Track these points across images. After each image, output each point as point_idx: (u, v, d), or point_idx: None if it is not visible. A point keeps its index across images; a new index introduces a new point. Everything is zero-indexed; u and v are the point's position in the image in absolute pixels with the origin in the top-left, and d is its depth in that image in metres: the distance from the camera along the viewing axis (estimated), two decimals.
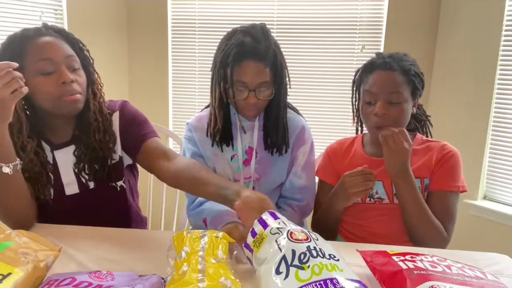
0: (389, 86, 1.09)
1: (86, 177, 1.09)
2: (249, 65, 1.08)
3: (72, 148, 1.09)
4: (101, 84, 1.16)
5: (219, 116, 1.17)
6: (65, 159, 1.09)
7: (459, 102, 2.14)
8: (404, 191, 1.09)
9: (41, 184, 1.05)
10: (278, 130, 1.18)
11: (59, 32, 1.07)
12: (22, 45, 1.00)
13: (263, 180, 1.23)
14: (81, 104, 1.05)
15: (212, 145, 1.22)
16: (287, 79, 1.18)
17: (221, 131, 1.18)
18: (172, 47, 2.53)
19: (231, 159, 1.23)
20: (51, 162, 1.08)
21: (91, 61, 1.13)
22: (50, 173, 1.07)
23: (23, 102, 1.01)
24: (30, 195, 1.03)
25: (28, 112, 1.05)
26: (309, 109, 2.41)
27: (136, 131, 1.14)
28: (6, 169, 0.93)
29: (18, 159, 0.97)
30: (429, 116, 1.29)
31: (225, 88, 1.13)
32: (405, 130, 1.07)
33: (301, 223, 1.25)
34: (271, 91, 1.13)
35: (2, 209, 1.01)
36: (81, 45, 1.11)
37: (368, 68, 1.15)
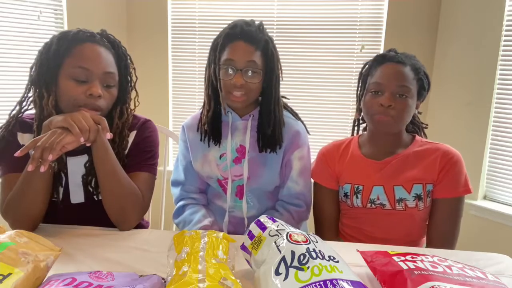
0: (399, 79, 1.09)
1: (92, 190, 1.08)
2: (239, 45, 1.09)
3: (84, 158, 1.08)
4: (135, 104, 1.16)
5: (209, 105, 1.17)
6: (75, 168, 1.07)
7: (459, 102, 2.14)
8: None
9: (54, 184, 1.03)
10: (270, 122, 1.16)
11: (112, 44, 1.07)
12: (70, 44, 1.00)
13: (253, 180, 1.20)
14: None
15: (201, 139, 1.22)
16: (279, 72, 1.16)
17: (210, 122, 1.18)
18: (172, 47, 2.53)
19: (220, 157, 1.22)
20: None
21: (132, 81, 1.13)
22: (62, 174, 1.06)
23: (54, 100, 1.01)
24: (47, 196, 1.01)
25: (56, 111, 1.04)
26: (308, 109, 2.42)
27: (136, 156, 1.12)
28: (43, 168, 0.89)
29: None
30: (424, 124, 1.28)
31: (215, 71, 1.12)
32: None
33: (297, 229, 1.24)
34: (260, 77, 1.11)
35: (17, 205, 0.98)
36: (128, 62, 1.10)
37: (378, 60, 1.15)
